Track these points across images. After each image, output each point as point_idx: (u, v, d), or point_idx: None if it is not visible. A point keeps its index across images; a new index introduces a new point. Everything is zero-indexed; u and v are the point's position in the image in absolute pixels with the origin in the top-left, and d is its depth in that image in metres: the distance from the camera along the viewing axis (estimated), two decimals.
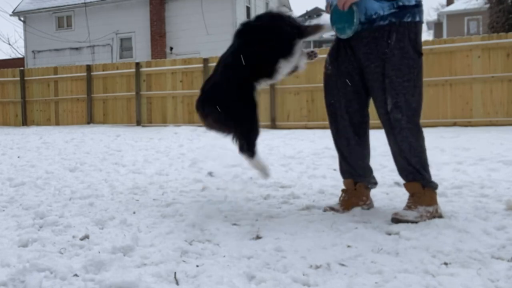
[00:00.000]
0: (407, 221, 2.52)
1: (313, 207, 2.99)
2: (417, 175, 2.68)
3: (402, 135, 2.65)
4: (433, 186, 2.70)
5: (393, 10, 2.57)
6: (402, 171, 2.75)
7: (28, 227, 2.60)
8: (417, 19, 2.62)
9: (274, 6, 23.95)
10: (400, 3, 2.57)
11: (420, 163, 2.67)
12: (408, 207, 2.64)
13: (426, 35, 40.17)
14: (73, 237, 2.41)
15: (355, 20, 2.62)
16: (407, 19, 2.58)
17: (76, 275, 1.88)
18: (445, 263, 1.93)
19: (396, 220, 2.55)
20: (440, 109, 9.81)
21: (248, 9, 21.21)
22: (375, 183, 3.02)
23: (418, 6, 2.63)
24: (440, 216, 2.63)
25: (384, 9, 2.58)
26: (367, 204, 2.92)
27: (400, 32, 2.58)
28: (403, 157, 2.68)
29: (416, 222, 2.51)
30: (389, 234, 2.36)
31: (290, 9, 25.49)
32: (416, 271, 1.86)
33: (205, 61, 12.05)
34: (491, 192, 3.26)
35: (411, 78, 2.59)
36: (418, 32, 2.64)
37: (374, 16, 2.61)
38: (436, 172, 4.16)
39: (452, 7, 36.02)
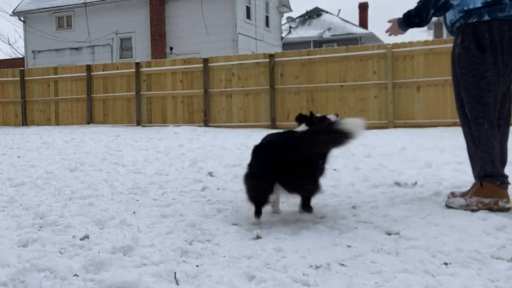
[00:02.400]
0: (452, 208, 2.77)
1: (313, 207, 2.99)
2: (480, 171, 2.77)
3: (472, 129, 2.77)
4: (492, 181, 2.73)
5: (461, 14, 2.81)
6: (472, 165, 2.86)
7: (28, 227, 2.60)
8: (486, 18, 2.73)
9: (274, 6, 23.96)
10: (466, 8, 2.78)
11: (484, 158, 2.74)
12: (463, 196, 2.80)
13: (426, 35, 40.22)
14: (73, 237, 2.41)
15: None
16: (472, 20, 2.76)
17: (76, 275, 1.88)
18: (445, 263, 1.93)
19: (446, 205, 2.83)
20: (440, 109, 9.82)
21: (248, 9, 21.20)
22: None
23: (488, 5, 2.72)
24: (502, 209, 2.68)
25: (455, 15, 2.85)
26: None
27: (465, 32, 2.79)
28: (470, 152, 2.83)
29: (464, 210, 2.71)
30: (389, 234, 2.36)
31: (290, 9, 25.48)
32: (416, 271, 1.86)
33: (205, 61, 12.06)
34: None
35: (476, 75, 2.75)
36: (486, 30, 2.73)
37: (451, 23, 2.92)
38: (436, 172, 4.17)
39: None
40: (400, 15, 3.04)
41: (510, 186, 2.80)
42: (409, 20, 2.92)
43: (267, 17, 23.33)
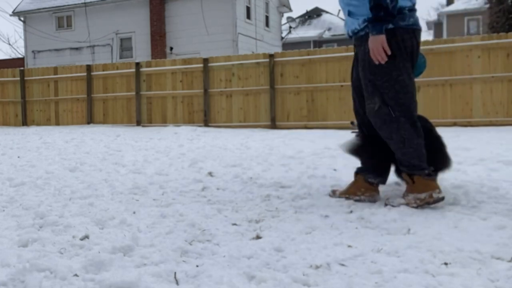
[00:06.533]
0: (393, 206, 2.87)
1: (313, 207, 2.99)
2: (409, 167, 2.93)
3: (393, 128, 2.91)
4: (421, 174, 2.88)
5: (366, 23, 2.94)
6: (398, 162, 3.03)
7: (28, 227, 2.60)
8: (390, 26, 2.87)
9: (274, 6, 23.95)
10: (369, 17, 2.89)
11: (410, 154, 2.91)
12: (402, 195, 2.94)
13: (426, 35, 40.16)
14: (73, 237, 2.41)
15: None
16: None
17: (76, 275, 1.88)
18: (445, 263, 1.93)
19: (385, 204, 2.93)
20: (440, 109, 9.82)
21: (248, 9, 21.20)
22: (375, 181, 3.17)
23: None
24: (437, 200, 2.83)
25: (360, 24, 2.99)
26: (365, 195, 3.11)
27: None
28: (395, 149, 2.97)
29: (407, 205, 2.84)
30: (389, 234, 2.37)
31: (290, 9, 25.48)
32: (416, 271, 1.86)
33: (205, 61, 12.06)
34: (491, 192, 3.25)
35: (390, 79, 2.90)
36: (392, 38, 2.87)
37: (355, 31, 3.04)
38: None
39: (452, 7, 36.06)
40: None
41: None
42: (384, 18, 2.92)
43: (267, 17, 23.33)
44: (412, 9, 2.98)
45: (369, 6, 2.84)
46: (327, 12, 34.52)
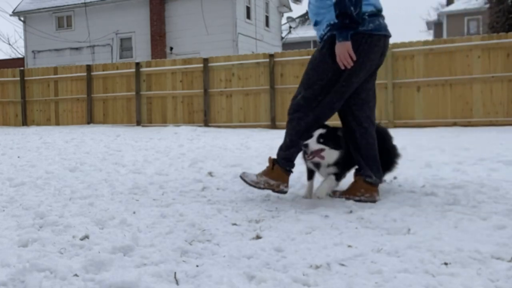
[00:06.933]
0: (245, 181, 3.16)
1: (313, 207, 2.99)
2: (281, 150, 3.23)
3: (298, 115, 3.17)
4: (284, 166, 3.18)
5: (328, 28, 3.12)
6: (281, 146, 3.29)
7: (28, 227, 2.60)
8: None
9: (274, 6, 23.94)
10: (332, 22, 3.06)
11: (294, 142, 3.17)
12: (256, 174, 3.21)
13: (426, 35, 40.17)
14: (73, 237, 2.41)
15: None
16: (333, 32, 3.06)
17: (76, 275, 1.88)
18: (445, 263, 1.93)
19: (240, 177, 3.20)
20: (440, 109, 9.82)
21: (248, 9, 21.19)
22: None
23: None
24: (280, 192, 3.15)
25: (324, 30, 3.16)
26: (365, 195, 3.17)
27: (327, 42, 3.11)
28: (290, 134, 3.22)
29: (253, 186, 3.13)
30: (389, 234, 2.37)
31: (290, 9, 25.48)
32: (416, 271, 1.86)
33: (205, 61, 12.06)
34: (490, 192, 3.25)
35: (323, 79, 3.10)
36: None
37: (322, 36, 3.20)
38: (436, 172, 4.17)
39: (452, 7, 36.05)
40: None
41: None
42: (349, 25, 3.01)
43: (267, 17, 23.32)
44: (374, 15, 3.07)
45: (335, 14, 2.94)
46: None
